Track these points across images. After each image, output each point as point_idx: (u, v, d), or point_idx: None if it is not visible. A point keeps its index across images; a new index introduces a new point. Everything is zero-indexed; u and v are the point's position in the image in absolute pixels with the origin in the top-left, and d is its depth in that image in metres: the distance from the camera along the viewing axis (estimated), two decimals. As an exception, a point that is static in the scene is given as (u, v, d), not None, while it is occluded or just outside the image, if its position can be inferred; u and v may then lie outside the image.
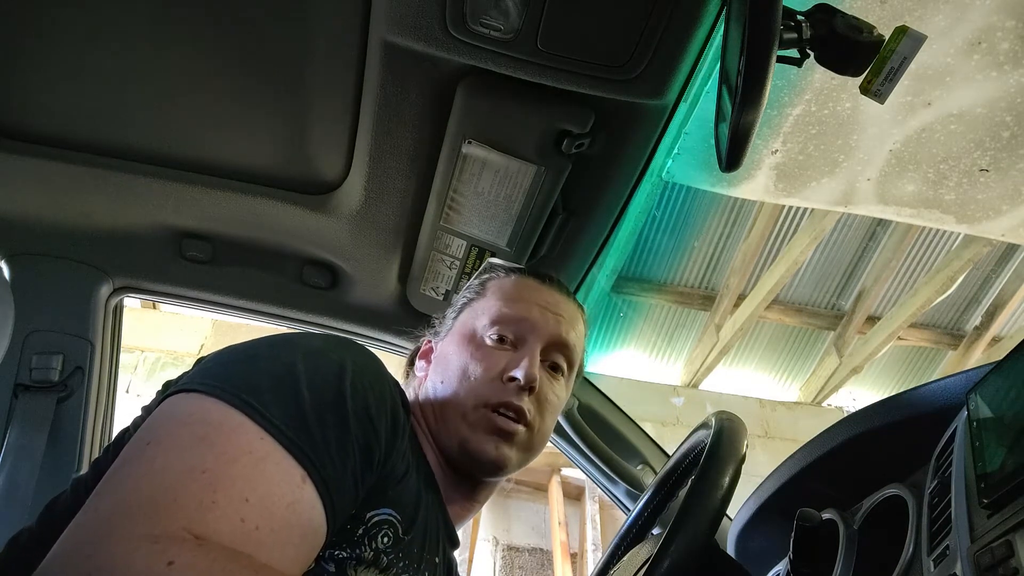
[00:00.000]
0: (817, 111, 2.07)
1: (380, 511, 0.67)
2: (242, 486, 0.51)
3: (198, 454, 0.52)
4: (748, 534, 1.09)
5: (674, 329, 5.19)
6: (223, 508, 0.49)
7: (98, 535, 0.47)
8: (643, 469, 1.48)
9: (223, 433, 0.54)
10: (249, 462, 0.52)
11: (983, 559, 0.53)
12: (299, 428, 0.56)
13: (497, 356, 0.88)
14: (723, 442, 0.77)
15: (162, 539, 0.46)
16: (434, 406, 0.87)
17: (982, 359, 5.10)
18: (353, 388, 0.62)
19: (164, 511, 0.48)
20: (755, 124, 0.70)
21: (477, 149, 1.02)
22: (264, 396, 0.56)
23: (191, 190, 1.19)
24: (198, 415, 0.55)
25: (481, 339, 0.90)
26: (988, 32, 1.76)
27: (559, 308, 0.94)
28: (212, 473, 0.51)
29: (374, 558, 0.66)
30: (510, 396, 0.84)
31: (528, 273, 0.99)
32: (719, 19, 0.84)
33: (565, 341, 0.92)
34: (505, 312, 0.91)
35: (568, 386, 0.96)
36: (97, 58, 1.01)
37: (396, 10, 0.86)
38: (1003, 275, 4.81)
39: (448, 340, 0.94)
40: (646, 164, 1.07)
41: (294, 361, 0.61)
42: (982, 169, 2.20)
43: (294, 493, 0.54)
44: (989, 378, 0.68)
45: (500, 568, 4.27)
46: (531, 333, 0.90)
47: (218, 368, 0.61)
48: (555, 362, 0.92)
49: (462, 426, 0.84)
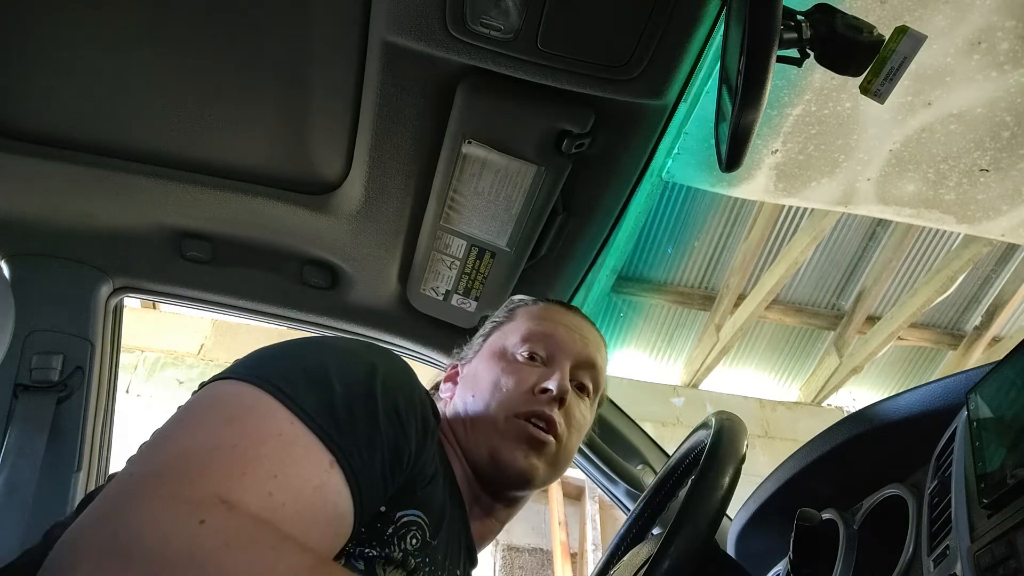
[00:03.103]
0: (817, 111, 2.07)
1: (409, 512, 0.68)
2: (270, 464, 0.52)
3: (228, 431, 0.53)
4: (748, 534, 1.09)
5: (674, 329, 5.19)
6: (252, 480, 0.50)
7: (130, 496, 0.48)
8: (643, 469, 1.48)
9: (254, 415, 0.55)
10: (278, 444, 0.53)
11: (983, 559, 0.53)
12: (329, 417, 0.57)
13: (528, 371, 0.90)
14: (723, 442, 0.77)
15: (193, 501, 0.47)
16: (464, 420, 0.89)
17: (982, 359, 5.10)
18: (384, 388, 0.63)
19: (196, 476, 0.49)
20: (755, 124, 0.70)
21: (477, 149, 1.02)
22: (297, 386, 0.58)
23: (191, 190, 1.19)
24: (230, 399, 0.57)
25: (512, 356, 0.92)
26: (988, 32, 1.76)
27: (585, 331, 0.98)
28: (241, 449, 0.52)
29: (402, 559, 0.66)
30: (542, 406, 0.86)
31: (554, 302, 1.03)
32: (719, 19, 0.84)
33: (593, 361, 0.95)
34: (535, 330, 0.94)
35: (592, 409, 0.98)
36: (97, 58, 1.01)
37: (396, 10, 0.86)
38: (1003, 275, 4.81)
39: (477, 360, 0.96)
40: (646, 164, 1.07)
41: (327, 358, 0.63)
42: (982, 169, 2.20)
43: (321, 477, 0.54)
44: (989, 378, 0.68)
45: (500, 568, 4.27)
46: (560, 351, 0.92)
47: (252, 361, 0.62)
48: (582, 382, 0.94)
49: (493, 435, 0.85)
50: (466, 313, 1.32)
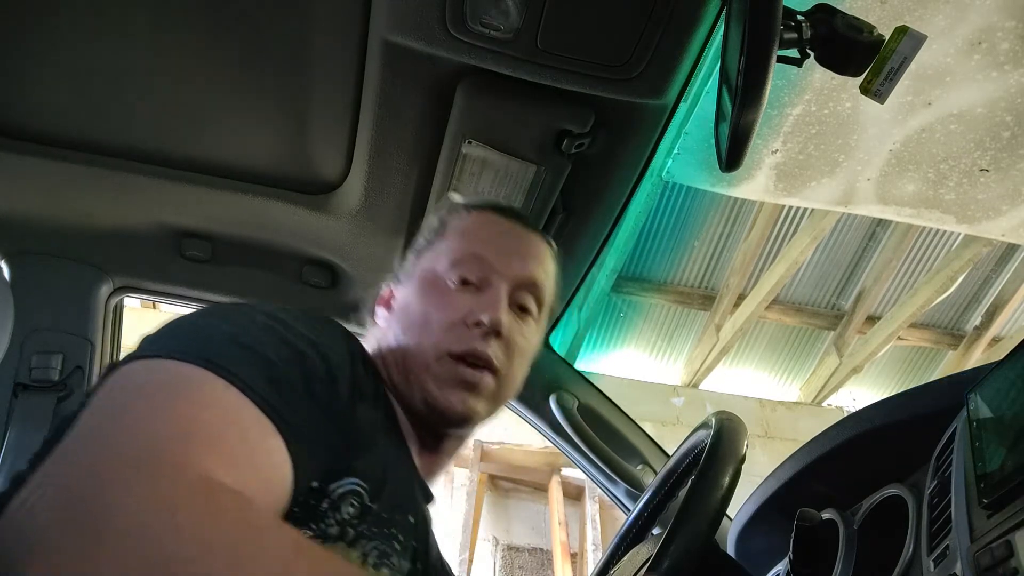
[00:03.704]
0: (817, 111, 2.07)
1: (344, 482, 0.65)
2: (207, 432, 0.49)
3: (174, 411, 0.50)
4: (748, 534, 1.09)
5: (674, 329, 5.19)
6: (214, 457, 0.48)
7: (99, 485, 0.43)
8: (643, 469, 1.48)
9: (192, 388, 0.52)
10: (224, 413, 0.51)
11: (983, 559, 0.53)
12: (259, 380, 0.55)
13: (460, 300, 0.82)
14: (723, 442, 0.77)
15: (160, 484, 0.44)
16: (397, 359, 0.83)
17: (982, 359, 5.10)
18: (312, 344, 0.61)
19: (165, 460, 0.46)
20: (755, 124, 0.70)
21: (477, 149, 1.02)
22: (221, 352, 0.55)
23: (191, 190, 1.19)
24: (153, 373, 0.54)
25: (443, 283, 0.84)
26: (988, 32, 1.76)
27: (526, 245, 0.89)
28: (196, 427, 0.49)
29: (340, 532, 0.64)
30: (475, 343, 0.79)
31: (490, 208, 0.92)
32: (719, 19, 0.84)
33: (533, 280, 0.86)
34: (467, 251, 0.85)
35: (539, 328, 0.91)
36: (97, 57, 1.01)
37: (396, 9, 0.86)
38: (1003, 275, 4.81)
39: (408, 287, 0.88)
40: (646, 164, 1.07)
41: (247, 323, 0.61)
42: (982, 169, 2.20)
43: (268, 442, 0.53)
44: (989, 378, 0.68)
45: (500, 568, 4.27)
46: (496, 273, 0.84)
47: (166, 336, 0.59)
48: (523, 303, 0.86)
49: (426, 379, 0.80)
50: (466, 313, 1.32)
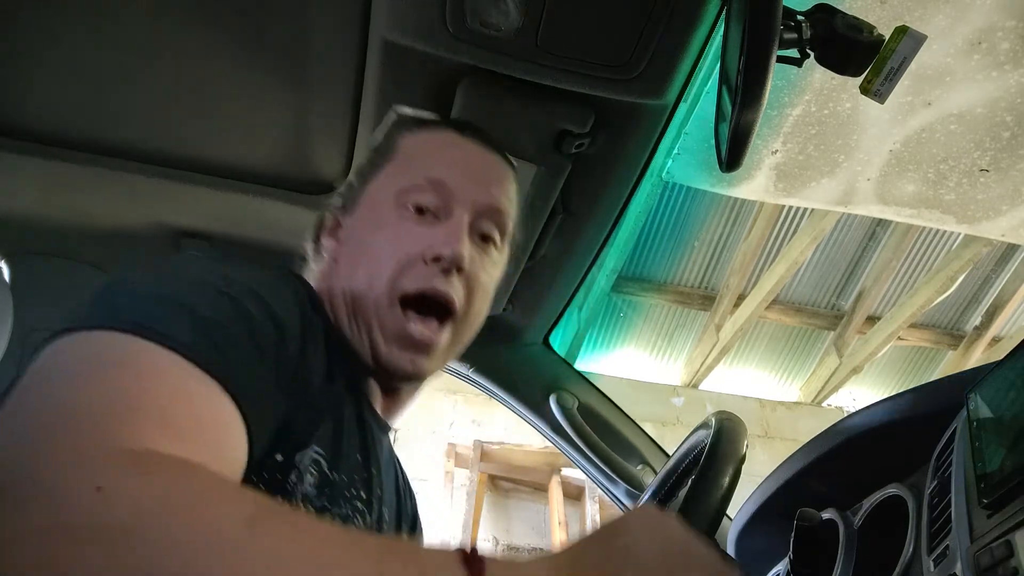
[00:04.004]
0: (817, 111, 2.07)
1: (308, 451, 0.62)
2: (157, 399, 0.45)
3: (89, 376, 0.45)
4: (748, 534, 1.09)
5: (674, 329, 5.19)
6: (153, 425, 0.43)
7: (13, 460, 0.39)
8: (643, 469, 1.48)
9: (120, 354, 0.47)
10: (161, 377, 0.46)
11: (983, 559, 0.53)
12: (205, 344, 0.50)
13: (416, 232, 0.74)
14: (723, 442, 0.77)
15: (84, 455, 0.39)
16: (347, 300, 0.75)
17: (982, 359, 5.10)
18: (254, 296, 0.56)
19: (73, 428, 0.41)
20: (755, 124, 0.70)
21: (477, 149, 1.02)
22: (154, 316, 0.50)
23: (190, 189, 1.19)
24: (82, 346, 0.48)
25: (396, 212, 0.76)
26: (988, 32, 1.76)
27: (487, 167, 0.81)
28: (122, 390, 0.44)
29: (303, 507, 0.60)
30: (434, 281, 0.73)
31: (445, 124, 0.85)
32: (719, 19, 0.83)
33: (497, 207, 0.79)
34: (422, 176, 0.76)
35: (501, 259, 0.84)
36: (97, 57, 1.01)
37: (396, 9, 0.86)
38: (1003, 275, 4.81)
39: (357, 216, 0.80)
40: (646, 164, 1.07)
41: (181, 280, 0.55)
42: (982, 169, 2.20)
43: (215, 405, 0.48)
44: (989, 378, 0.68)
45: (500, 568, 4.27)
46: (455, 199, 0.76)
47: (90, 307, 0.52)
48: (485, 232, 0.79)
49: (375, 333, 0.73)
50: (466, 313, 1.32)
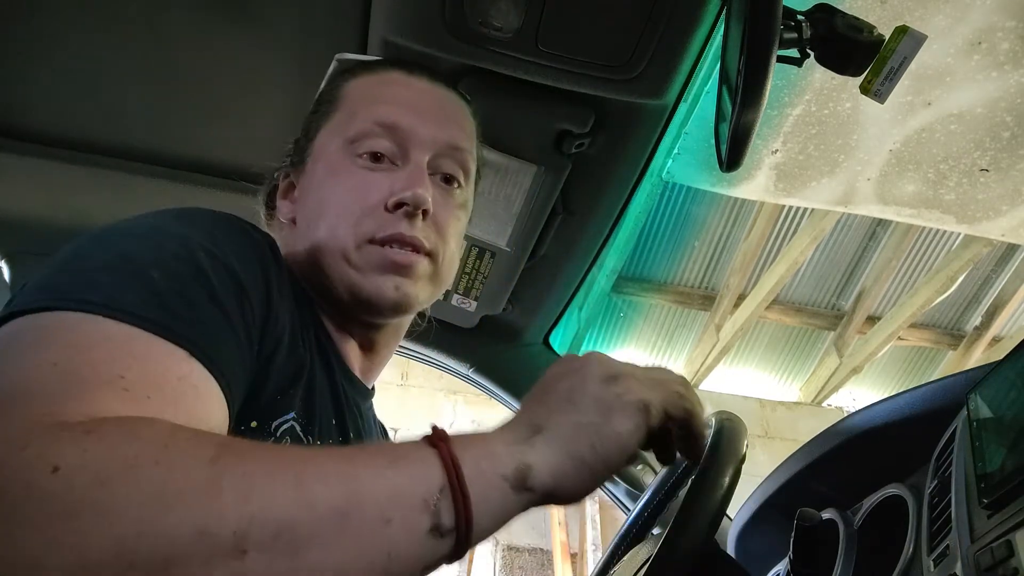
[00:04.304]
0: (817, 111, 2.07)
1: (284, 418, 0.60)
2: (110, 367, 0.41)
3: (36, 356, 0.41)
4: (748, 534, 1.09)
5: (674, 329, 5.19)
6: (85, 387, 0.40)
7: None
8: (643, 469, 1.48)
9: (64, 330, 0.43)
10: (112, 345, 0.43)
11: (983, 559, 0.53)
12: (160, 308, 0.46)
13: (374, 180, 0.71)
14: (723, 442, 0.77)
15: (35, 437, 0.36)
16: (310, 257, 0.72)
17: (982, 359, 5.10)
18: (209, 254, 0.52)
19: (26, 406, 0.38)
20: (755, 124, 0.70)
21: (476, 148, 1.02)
22: (105, 290, 0.46)
23: (191, 190, 1.19)
24: (27, 329, 0.44)
25: (350, 161, 0.73)
26: (988, 32, 1.76)
27: (440, 104, 0.78)
28: (69, 361, 0.41)
29: None
30: (399, 227, 0.70)
31: (391, 64, 0.80)
32: (719, 19, 0.84)
33: (456, 144, 0.76)
34: (373, 121, 0.73)
35: (468, 196, 0.81)
36: (97, 57, 1.01)
37: (396, 9, 0.86)
38: (1003, 275, 4.81)
39: (310, 172, 0.77)
40: (646, 164, 1.07)
41: (130, 245, 0.52)
42: (982, 169, 2.20)
43: (181, 368, 0.45)
44: (989, 378, 0.68)
45: (500, 568, 4.27)
46: (411, 141, 0.73)
47: (35, 290, 0.47)
48: (448, 173, 0.76)
49: (347, 271, 0.70)
50: (466, 313, 1.32)
